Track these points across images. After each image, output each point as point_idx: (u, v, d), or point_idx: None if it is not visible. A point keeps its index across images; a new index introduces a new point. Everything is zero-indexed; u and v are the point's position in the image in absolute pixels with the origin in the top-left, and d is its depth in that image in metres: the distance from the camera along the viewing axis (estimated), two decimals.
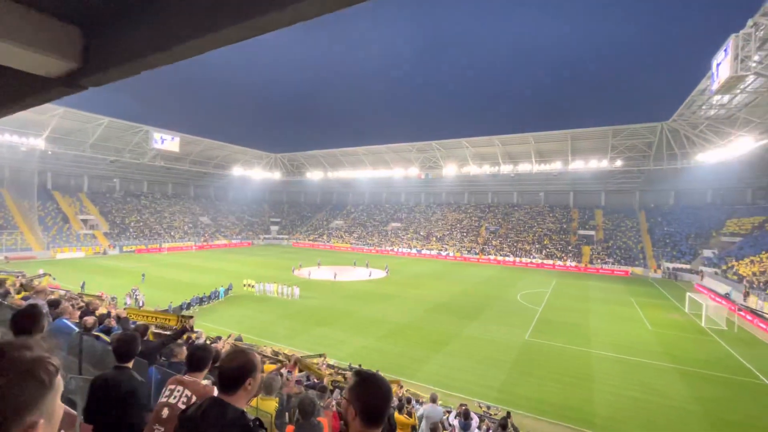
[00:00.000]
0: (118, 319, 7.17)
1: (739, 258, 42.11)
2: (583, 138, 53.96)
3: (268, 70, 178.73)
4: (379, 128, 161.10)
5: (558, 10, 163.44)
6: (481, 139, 59.76)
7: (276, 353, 13.38)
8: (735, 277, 37.68)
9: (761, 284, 32.58)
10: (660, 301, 34.65)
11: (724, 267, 42.35)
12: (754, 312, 28.36)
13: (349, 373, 11.94)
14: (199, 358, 2.87)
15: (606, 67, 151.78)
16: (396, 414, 7.36)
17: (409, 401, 9.33)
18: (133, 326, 5.98)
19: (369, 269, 46.57)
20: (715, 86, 27.56)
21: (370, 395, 1.55)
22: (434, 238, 69.10)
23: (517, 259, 58.18)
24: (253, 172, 78.78)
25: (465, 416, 6.96)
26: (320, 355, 15.13)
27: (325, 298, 31.25)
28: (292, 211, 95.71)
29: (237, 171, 76.41)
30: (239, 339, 16.66)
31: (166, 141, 58.11)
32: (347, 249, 72.14)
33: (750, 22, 23.19)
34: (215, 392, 2.07)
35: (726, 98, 34.50)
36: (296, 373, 8.53)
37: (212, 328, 21.25)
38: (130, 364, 3.05)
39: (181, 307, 25.72)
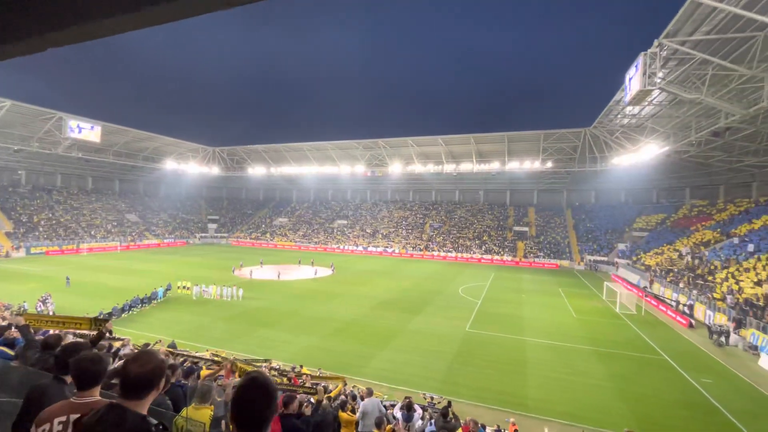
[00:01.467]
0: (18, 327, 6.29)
1: (646, 250, 47.92)
2: (519, 140, 57.69)
3: (207, 60, 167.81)
4: (325, 125, 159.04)
5: (497, 21, 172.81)
6: (426, 139, 61.39)
7: (214, 356, 12.69)
8: (643, 267, 42.80)
9: (663, 273, 37.35)
10: (583, 291, 38.27)
11: (634, 258, 47.92)
12: (657, 297, 32.44)
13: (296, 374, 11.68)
14: (84, 371, 2.28)
15: (540, 75, 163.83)
16: (340, 412, 7.34)
17: (354, 398, 9.36)
18: (41, 336, 5.27)
19: (314, 267, 45.84)
20: (627, 98, 30.92)
21: (240, 400, 1.58)
22: (380, 236, 69.82)
23: (459, 255, 60.83)
24: (189, 167, 73.38)
25: (407, 408, 7.15)
26: (265, 361, 14.61)
27: (269, 299, 30.21)
28: (232, 208, 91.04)
29: (170, 165, 70.61)
30: (172, 345, 15.54)
31: (85, 130, 51.90)
32: (292, 247, 70.32)
33: (656, 42, 26.35)
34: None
35: (636, 109, 38.89)
36: (237, 378, 8.14)
37: (142, 335, 19.57)
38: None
39: (123, 310, 23.79)
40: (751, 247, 31.87)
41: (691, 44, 24.75)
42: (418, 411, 8.60)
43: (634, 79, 28.48)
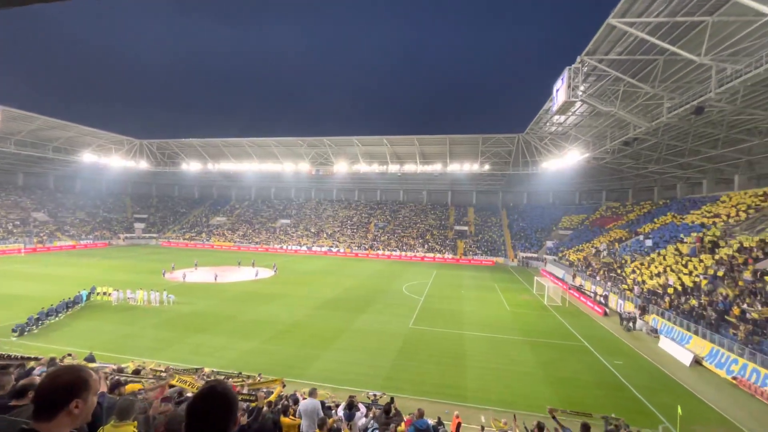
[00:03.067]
0: None
1: (570, 247, 52.72)
2: (459, 143, 60.35)
3: (136, 44, 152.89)
4: (268, 122, 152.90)
5: (441, 26, 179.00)
6: (371, 138, 61.77)
7: (138, 371, 11.65)
8: (567, 263, 47.01)
9: (583, 267, 41.34)
10: (516, 285, 41.08)
11: (560, 255, 52.47)
12: (578, 289, 35.82)
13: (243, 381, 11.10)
14: None
15: (481, 81, 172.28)
16: (282, 417, 7.13)
17: (296, 402, 9.14)
18: None
19: (255, 268, 43.99)
20: (555, 108, 33.78)
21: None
22: (325, 235, 68.95)
23: (403, 254, 62.10)
24: (111, 160, 66.27)
25: (349, 407, 7.15)
26: (197, 369, 13.74)
27: (204, 303, 28.40)
28: (163, 206, 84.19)
29: (88, 157, 63.18)
30: (90, 359, 14.03)
31: None
32: (231, 248, 66.81)
33: (578, 59, 29.11)
34: None
35: (562, 118, 42.66)
36: (167, 390, 7.54)
37: (54, 349, 17.36)
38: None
39: (39, 319, 20.95)
40: (650, 243, 36.48)
41: (607, 62, 27.66)
42: (362, 409, 8.65)
43: (560, 91, 31.11)
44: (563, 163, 49.24)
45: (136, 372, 11.21)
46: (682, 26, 21.61)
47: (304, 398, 7.91)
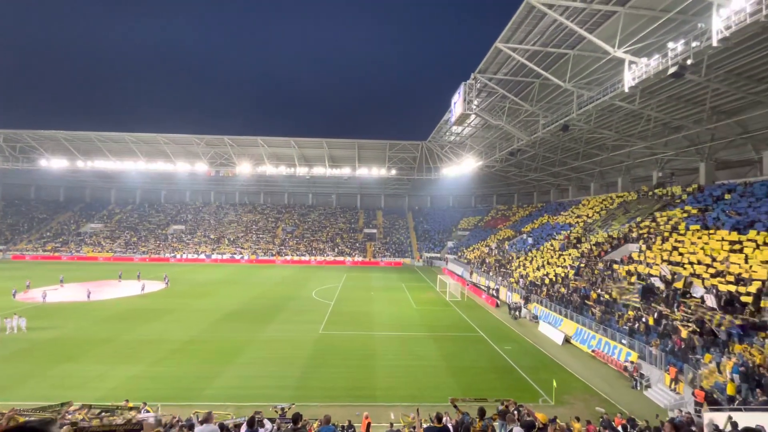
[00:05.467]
0: None
1: (467, 246, 57.82)
2: (368, 148, 61.70)
3: None
4: (159, 119, 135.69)
5: (353, 28, 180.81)
6: (278, 140, 59.39)
7: None
8: (465, 261, 51.42)
9: (479, 264, 45.66)
10: (421, 284, 43.43)
11: (459, 254, 57.16)
12: (475, 285, 39.40)
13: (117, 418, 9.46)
14: None
15: (389, 88, 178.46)
16: None
17: (191, 428, 8.22)
18: None
19: (141, 282, 38.57)
20: (453, 119, 36.79)
21: None
22: (227, 241, 63.94)
23: (313, 258, 60.89)
24: None
25: (250, 425, 6.68)
26: (62, 405, 11.43)
27: (73, 325, 23.90)
28: (14, 211, 68.84)
29: None
30: None
31: None
32: (109, 259, 57.61)
33: (472, 76, 32.19)
34: None
35: (460, 129, 46.66)
36: None
37: None
38: None
39: None
40: (531, 241, 42.06)
41: (496, 81, 31.09)
42: (267, 425, 8.16)
43: (457, 104, 33.94)
44: (461, 169, 53.82)
45: None
46: (552, 56, 25.41)
47: (200, 425, 7.14)
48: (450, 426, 8.22)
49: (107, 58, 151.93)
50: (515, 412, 9.49)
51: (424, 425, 7.96)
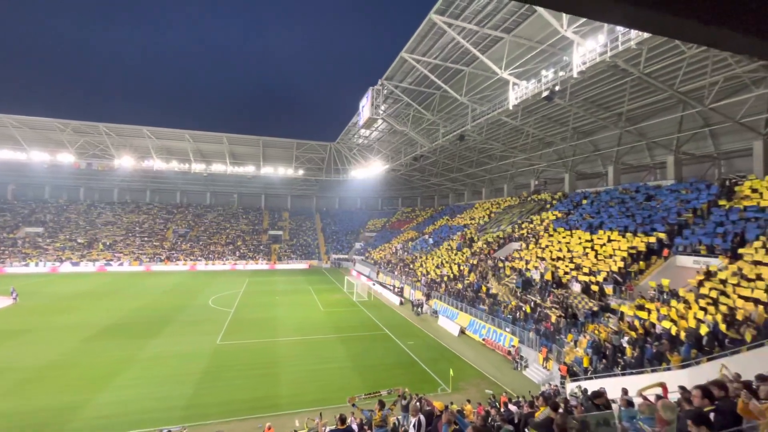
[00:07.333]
0: None
1: (374, 247, 59.32)
2: (274, 146, 59.03)
3: None
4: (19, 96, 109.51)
5: (258, 23, 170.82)
6: (169, 131, 53.11)
7: None
8: (372, 261, 52.65)
9: (385, 264, 47.19)
10: (329, 286, 43.10)
11: (366, 254, 58.29)
12: (381, 284, 40.59)
13: None
14: None
15: (297, 86, 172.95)
16: None
17: None
18: None
19: None
20: (361, 122, 37.48)
21: None
22: (101, 246, 54.77)
23: (210, 263, 55.85)
24: None
25: None
26: None
27: None
28: None
29: None
30: None
31: None
32: None
33: (380, 81, 33.23)
34: None
35: (368, 132, 47.71)
36: None
37: None
38: None
39: None
40: (432, 241, 45.09)
41: (401, 89, 32.57)
42: None
43: (365, 108, 34.66)
44: (369, 172, 55.03)
45: None
46: (451, 70, 27.64)
47: None
48: (354, 426, 8.31)
49: None
50: (417, 404, 10.02)
51: (329, 428, 7.90)
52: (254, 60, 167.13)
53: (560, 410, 6.24)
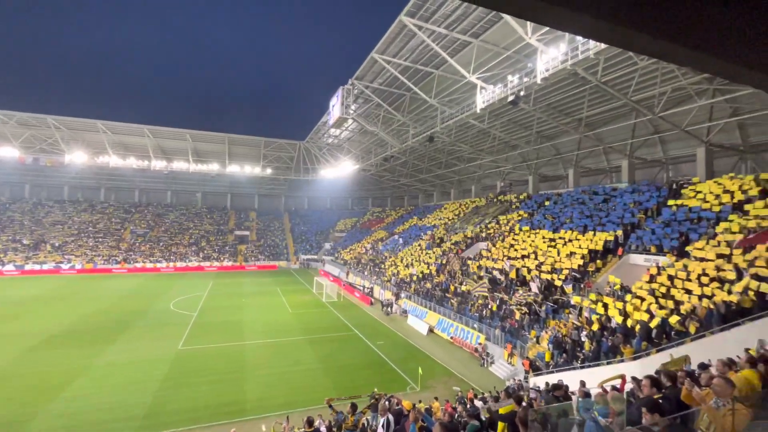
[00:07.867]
0: None
1: (344, 248, 58.94)
2: (240, 144, 57.32)
3: None
4: None
5: (227, 15, 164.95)
6: (126, 126, 50.28)
7: None
8: (342, 262, 52.30)
9: (355, 264, 47.02)
10: (297, 287, 42.40)
11: (336, 255, 57.83)
12: (351, 285, 40.42)
13: None
14: None
15: (266, 83, 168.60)
16: None
17: None
18: None
19: None
20: (331, 121, 37.15)
21: None
22: (49, 247, 50.98)
23: (172, 264, 53.41)
24: None
25: None
26: None
27: None
28: None
29: None
30: None
31: None
32: None
33: (350, 81, 33.07)
34: None
35: (338, 132, 47.36)
36: None
37: None
38: None
39: None
40: (402, 241, 45.44)
41: (372, 90, 32.58)
42: None
43: (335, 107, 34.41)
44: (339, 172, 54.61)
45: None
46: (421, 72, 27.97)
47: None
48: (323, 428, 8.22)
49: None
50: (386, 403, 10.05)
51: (297, 431, 7.77)
52: (221, 55, 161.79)
53: (523, 403, 6.47)
